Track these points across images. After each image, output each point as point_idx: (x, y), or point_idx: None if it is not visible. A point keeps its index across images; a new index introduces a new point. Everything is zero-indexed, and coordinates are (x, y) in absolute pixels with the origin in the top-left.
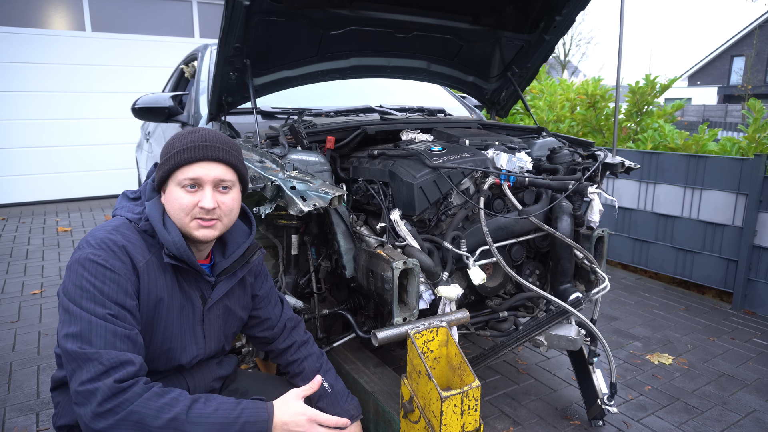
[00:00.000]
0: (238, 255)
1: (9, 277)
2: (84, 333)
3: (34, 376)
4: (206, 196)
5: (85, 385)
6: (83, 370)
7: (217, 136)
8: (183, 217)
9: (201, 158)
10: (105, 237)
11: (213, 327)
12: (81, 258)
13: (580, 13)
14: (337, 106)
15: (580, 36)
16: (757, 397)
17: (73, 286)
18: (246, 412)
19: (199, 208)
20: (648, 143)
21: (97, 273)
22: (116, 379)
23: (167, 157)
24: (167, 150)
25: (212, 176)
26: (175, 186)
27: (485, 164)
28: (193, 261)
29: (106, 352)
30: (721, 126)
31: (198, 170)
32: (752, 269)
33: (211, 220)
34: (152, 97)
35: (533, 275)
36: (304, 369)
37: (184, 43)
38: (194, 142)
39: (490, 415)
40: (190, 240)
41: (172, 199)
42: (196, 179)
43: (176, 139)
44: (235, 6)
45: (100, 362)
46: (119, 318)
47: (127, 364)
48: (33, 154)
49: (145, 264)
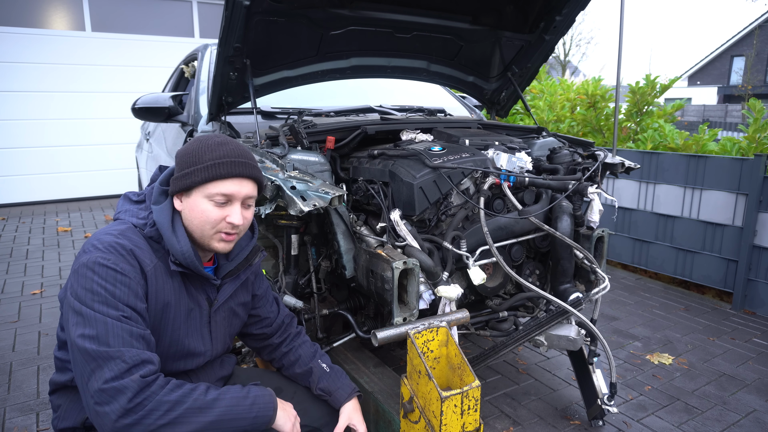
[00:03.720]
0: (242, 258)
1: (9, 277)
2: (101, 334)
3: (34, 376)
4: (235, 212)
5: (110, 383)
6: (105, 369)
7: (246, 152)
8: (207, 230)
9: (235, 175)
10: (113, 241)
11: (219, 328)
12: (90, 262)
13: (580, 13)
14: (337, 106)
15: (580, 36)
16: (757, 397)
17: (83, 289)
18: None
19: (226, 222)
20: (648, 143)
21: (107, 276)
22: (142, 375)
23: (197, 168)
24: (195, 160)
25: (243, 193)
26: (202, 198)
27: (485, 164)
28: (200, 269)
29: (127, 350)
30: (721, 126)
31: (231, 186)
32: (752, 269)
33: (233, 235)
34: (152, 97)
35: (533, 275)
36: (300, 356)
37: (184, 43)
38: (228, 157)
39: (490, 415)
40: (205, 249)
41: (197, 210)
42: (229, 195)
43: (204, 149)
44: (235, 6)
45: (123, 360)
46: (132, 320)
47: (148, 362)
48: (33, 154)
49: (153, 268)
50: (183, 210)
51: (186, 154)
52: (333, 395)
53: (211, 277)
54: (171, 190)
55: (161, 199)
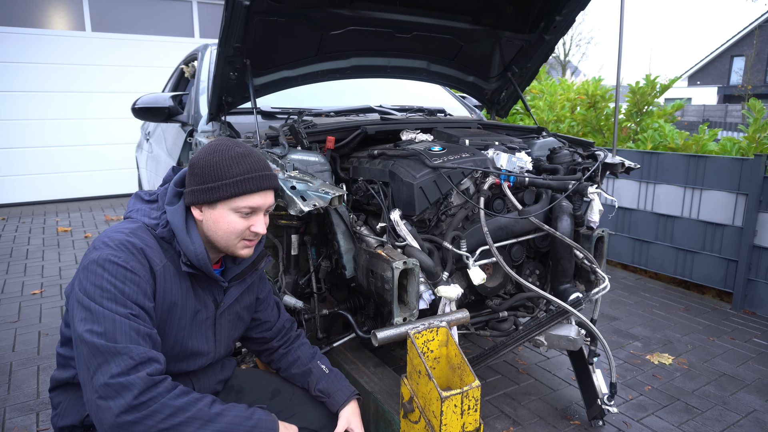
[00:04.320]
0: (250, 262)
1: (9, 277)
2: (108, 331)
3: (34, 376)
4: (260, 222)
5: (116, 378)
6: (111, 364)
7: (267, 163)
8: (233, 239)
9: (263, 189)
10: (124, 239)
11: (223, 331)
12: (100, 258)
13: (580, 13)
14: (337, 106)
15: (580, 36)
16: (757, 397)
17: (93, 286)
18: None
19: (250, 231)
20: (648, 143)
21: (117, 274)
22: (149, 373)
23: (224, 183)
24: (221, 174)
25: (267, 204)
26: (228, 210)
27: (485, 164)
28: (211, 271)
29: (134, 347)
30: (721, 126)
31: (258, 200)
32: (752, 269)
33: (254, 240)
34: (152, 97)
35: (533, 275)
36: (299, 357)
37: (184, 43)
38: (255, 171)
39: (490, 415)
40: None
41: (224, 222)
42: (256, 208)
43: (230, 163)
44: (235, 6)
45: (130, 356)
46: (140, 318)
47: (154, 360)
48: (33, 154)
49: (162, 268)
50: (205, 221)
51: (208, 167)
52: (331, 397)
53: (220, 279)
54: (191, 200)
55: (175, 200)
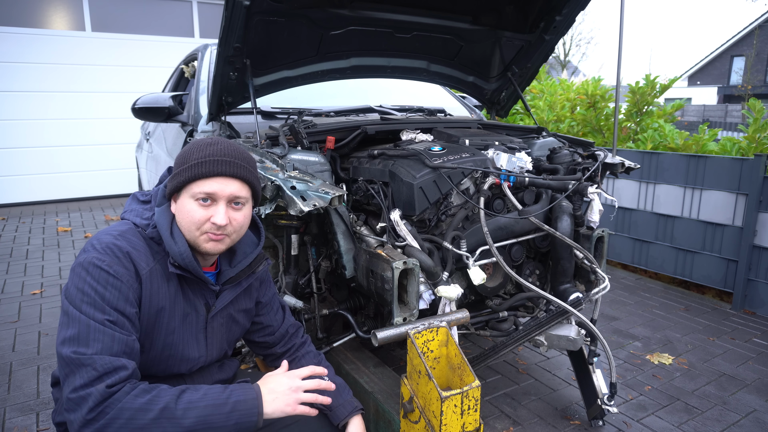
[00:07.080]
0: (245, 265)
1: (9, 277)
2: (81, 336)
3: (34, 376)
4: (219, 212)
5: (77, 392)
6: (76, 376)
7: (235, 151)
8: (193, 230)
9: (218, 173)
10: (110, 242)
11: (216, 335)
12: (85, 262)
13: (580, 13)
14: (337, 106)
15: (580, 36)
16: (757, 397)
17: (75, 288)
18: (235, 393)
19: (210, 223)
20: (648, 143)
21: (99, 278)
22: (108, 384)
23: (183, 167)
24: (183, 160)
25: (227, 192)
26: (188, 198)
27: (485, 164)
28: (198, 271)
29: (100, 357)
30: (721, 126)
31: (214, 185)
32: (752, 269)
33: (220, 235)
34: (152, 97)
35: (533, 275)
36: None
37: (184, 43)
38: (212, 156)
39: (490, 415)
40: (197, 250)
41: (184, 211)
42: (211, 194)
43: (194, 149)
44: (235, 6)
45: (94, 368)
46: (117, 324)
47: (121, 369)
48: (33, 154)
49: (149, 272)
50: (176, 212)
51: (178, 156)
52: (334, 411)
53: (210, 282)
54: (167, 192)
55: (164, 200)
